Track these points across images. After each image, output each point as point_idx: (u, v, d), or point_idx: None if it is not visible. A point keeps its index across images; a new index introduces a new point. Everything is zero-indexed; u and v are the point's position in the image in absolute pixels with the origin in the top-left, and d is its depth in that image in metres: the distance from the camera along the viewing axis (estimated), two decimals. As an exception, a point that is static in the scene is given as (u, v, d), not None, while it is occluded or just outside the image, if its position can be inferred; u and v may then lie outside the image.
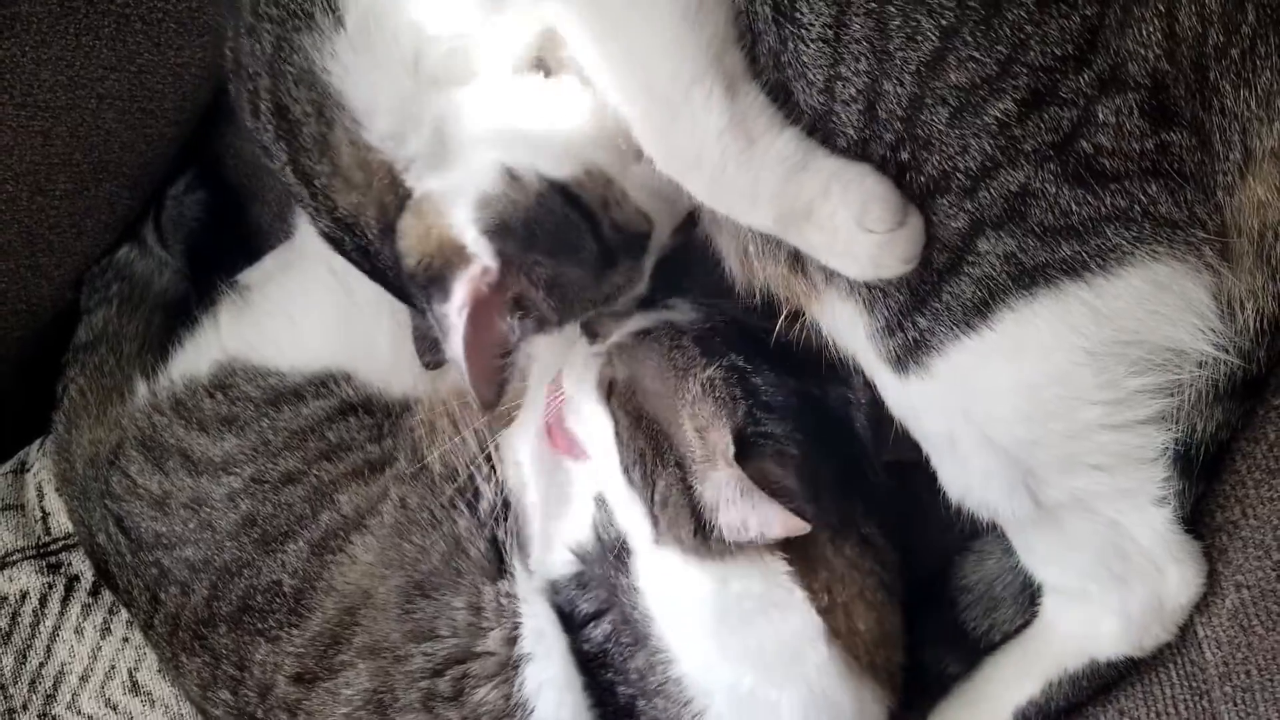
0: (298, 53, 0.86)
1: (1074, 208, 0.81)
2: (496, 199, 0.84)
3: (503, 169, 0.85)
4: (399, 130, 0.85)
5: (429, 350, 0.98)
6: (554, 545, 1.01)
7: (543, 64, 0.87)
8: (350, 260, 0.93)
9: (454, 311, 0.82)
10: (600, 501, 0.99)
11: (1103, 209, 0.81)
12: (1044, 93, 0.81)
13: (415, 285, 0.86)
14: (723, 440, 0.92)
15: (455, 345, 0.82)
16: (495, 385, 0.86)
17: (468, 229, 0.84)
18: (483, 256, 0.83)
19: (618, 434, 0.96)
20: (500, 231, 0.84)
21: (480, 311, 0.83)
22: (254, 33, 0.89)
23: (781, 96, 0.84)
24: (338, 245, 0.91)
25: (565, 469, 1.01)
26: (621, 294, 0.91)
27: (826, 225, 0.82)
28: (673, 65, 0.80)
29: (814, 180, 0.82)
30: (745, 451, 0.92)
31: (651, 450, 0.94)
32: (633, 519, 0.96)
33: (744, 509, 0.90)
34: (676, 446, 0.94)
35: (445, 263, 0.84)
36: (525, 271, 0.85)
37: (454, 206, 0.85)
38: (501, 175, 0.85)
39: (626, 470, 0.95)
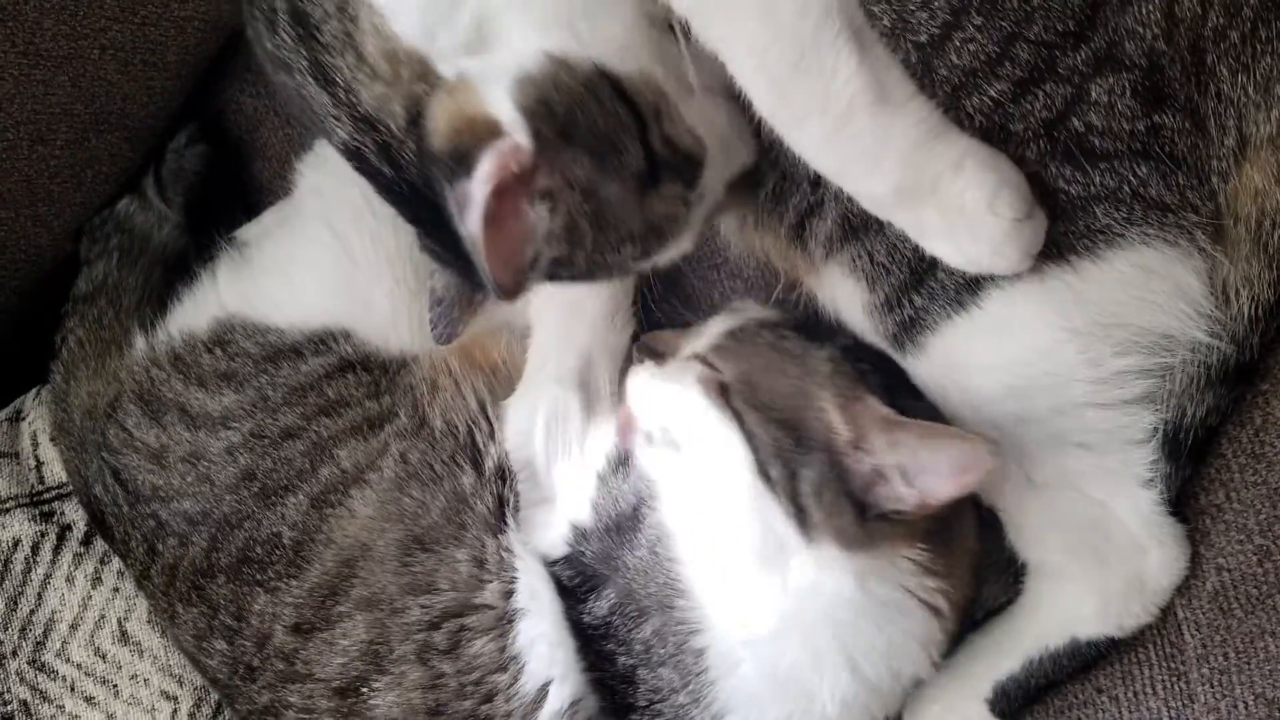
0: None
1: (1062, 185, 0.82)
2: (540, 79, 0.76)
3: (550, 55, 0.77)
4: (430, 23, 0.78)
5: (444, 319, 0.94)
6: (546, 528, 1.02)
7: None
8: (370, 173, 0.83)
9: (477, 184, 0.73)
10: (604, 479, 0.98)
11: (1092, 188, 0.81)
12: (1042, 69, 0.80)
13: (440, 168, 0.77)
14: (874, 407, 0.87)
15: (473, 220, 0.73)
16: (515, 272, 0.77)
17: (504, 105, 0.76)
18: (516, 134, 0.75)
19: (747, 432, 0.89)
20: (539, 111, 0.76)
21: (506, 189, 0.74)
22: None
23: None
24: (357, 153, 0.82)
25: (565, 448, 1.02)
26: (663, 239, 0.82)
27: (952, 203, 0.79)
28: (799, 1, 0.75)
29: (949, 152, 0.78)
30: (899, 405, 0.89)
31: (791, 442, 0.88)
32: (760, 522, 0.89)
33: (915, 466, 0.85)
34: (818, 434, 0.88)
35: (475, 140, 0.76)
36: (561, 167, 0.76)
37: (492, 85, 0.76)
38: (548, 58, 0.77)
39: (763, 469, 0.88)
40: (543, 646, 0.97)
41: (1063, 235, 0.83)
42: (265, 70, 0.89)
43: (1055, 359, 0.86)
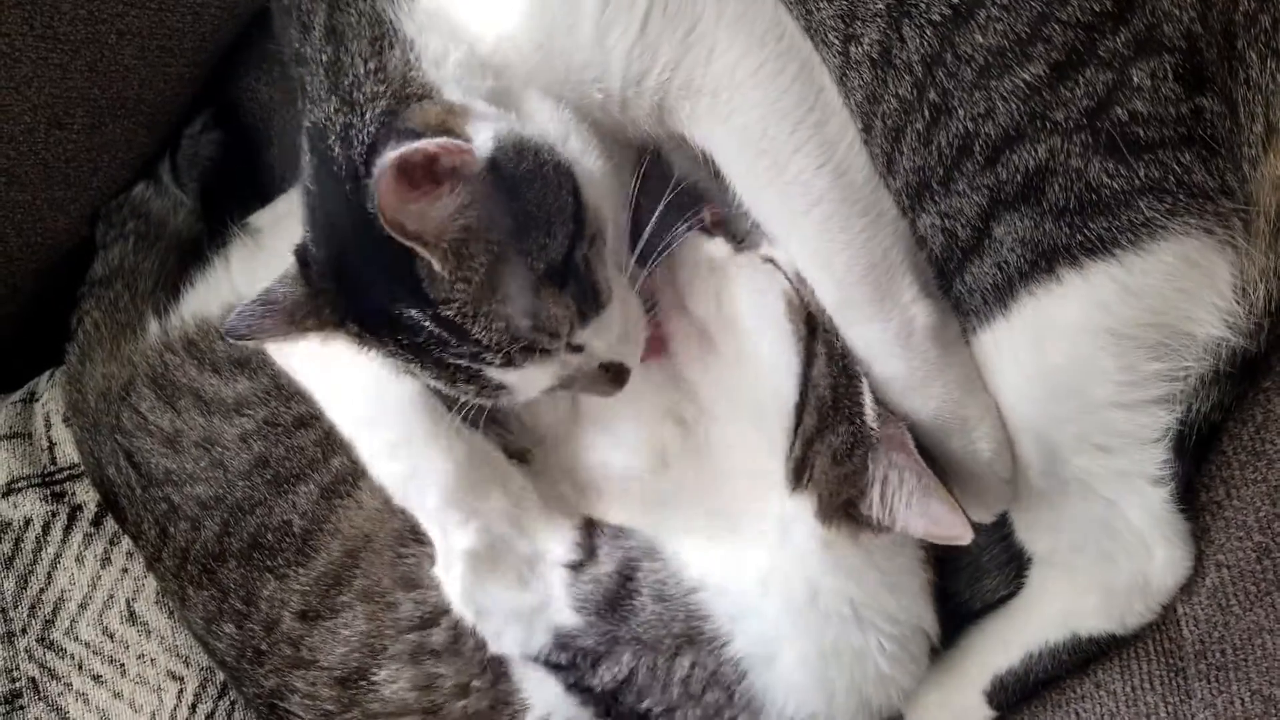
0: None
1: (1106, 180, 0.81)
2: (524, 139, 0.82)
3: (545, 137, 0.84)
4: (461, 80, 0.85)
5: (254, 318, 0.90)
6: (526, 644, 0.96)
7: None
8: (318, 150, 0.86)
9: (419, 141, 0.77)
10: (577, 574, 0.95)
11: (1136, 180, 0.81)
12: (1082, 52, 0.80)
13: (397, 136, 0.81)
14: (901, 429, 0.89)
15: (393, 153, 0.75)
16: (400, 206, 0.76)
17: (484, 135, 0.81)
18: (478, 148, 0.80)
19: (805, 370, 0.90)
20: (508, 156, 0.81)
21: (436, 162, 0.77)
22: None
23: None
24: (321, 132, 0.86)
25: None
26: (530, 350, 0.84)
27: (969, 447, 0.90)
28: (884, 243, 0.86)
29: (979, 406, 0.89)
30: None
31: (832, 401, 0.90)
32: (763, 459, 0.93)
33: (910, 503, 0.88)
34: (861, 399, 0.90)
35: (438, 129, 0.81)
36: (493, 205, 0.80)
37: (482, 120, 0.82)
38: (542, 136, 0.84)
39: (799, 408, 0.90)
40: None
41: (1105, 231, 0.82)
42: (288, 64, 0.95)
43: (1091, 366, 0.85)
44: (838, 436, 0.89)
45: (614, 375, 0.90)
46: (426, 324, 0.82)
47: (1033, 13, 0.80)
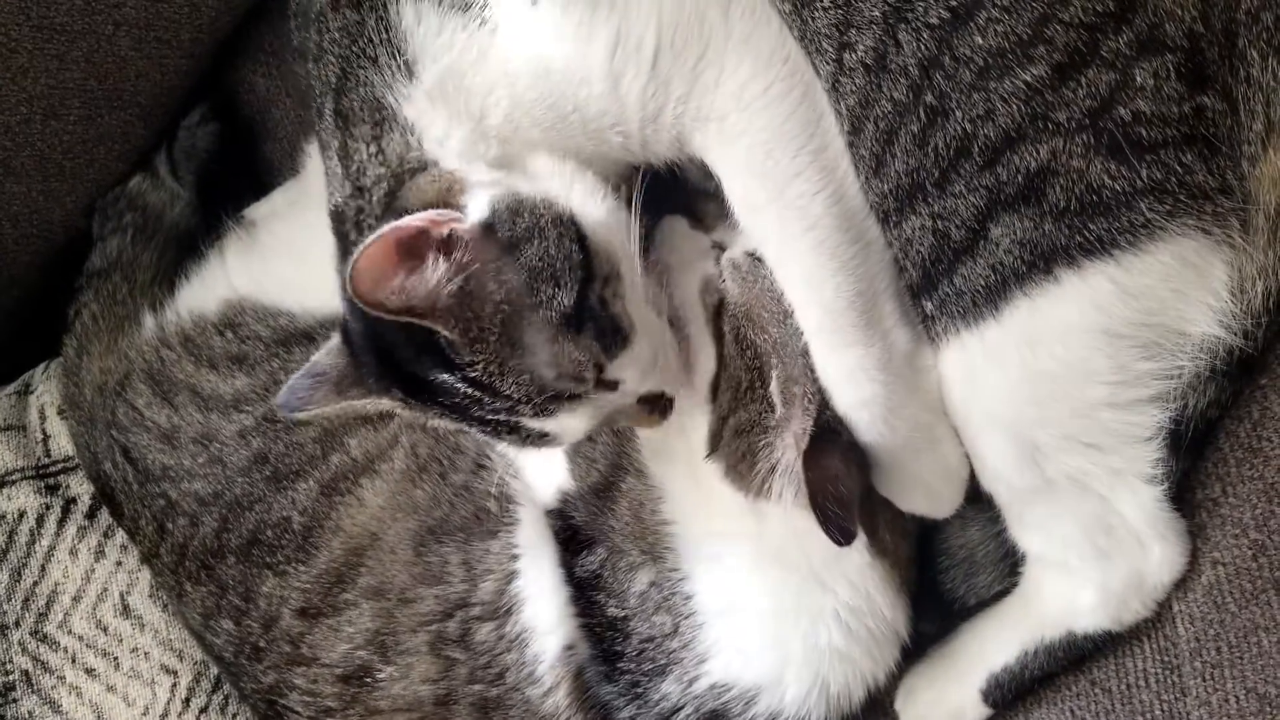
0: (363, 85, 0.89)
1: (1108, 181, 0.81)
2: (521, 200, 0.86)
3: (546, 192, 0.87)
4: (466, 152, 0.89)
5: (305, 392, 0.93)
6: (539, 486, 1.04)
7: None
8: (341, 234, 0.92)
9: (406, 216, 0.81)
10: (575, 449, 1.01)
11: (1139, 181, 0.81)
12: (1084, 53, 0.80)
13: (391, 215, 0.85)
14: (803, 425, 0.92)
15: (382, 229, 0.79)
16: (376, 282, 0.79)
17: (480, 200, 0.85)
18: (470, 215, 0.83)
19: (720, 355, 0.96)
20: (503, 216, 0.84)
21: (425, 236, 0.81)
22: (320, 60, 0.93)
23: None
24: (340, 216, 0.92)
25: None
26: (559, 398, 0.87)
27: (936, 462, 0.94)
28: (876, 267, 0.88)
29: (945, 426, 0.93)
30: (821, 437, 0.92)
31: (748, 382, 0.95)
32: (694, 424, 0.98)
33: (791, 491, 0.93)
34: (769, 386, 0.94)
35: (434, 204, 0.85)
36: (494, 273, 0.83)
37: (481, 187, 0.86)
38: (543, 191, 0.87)
39: (715, 388, 0.96)
40: (538, 591, 1.00)
41: (1105, 232, 0.82)
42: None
43: (1084, 366, 0.85)
44: (746, 414, 0.94)
45: (658, 406, 0.93)
46: (459, 385, 0.86)
47: (1034, 14, 0.80)
